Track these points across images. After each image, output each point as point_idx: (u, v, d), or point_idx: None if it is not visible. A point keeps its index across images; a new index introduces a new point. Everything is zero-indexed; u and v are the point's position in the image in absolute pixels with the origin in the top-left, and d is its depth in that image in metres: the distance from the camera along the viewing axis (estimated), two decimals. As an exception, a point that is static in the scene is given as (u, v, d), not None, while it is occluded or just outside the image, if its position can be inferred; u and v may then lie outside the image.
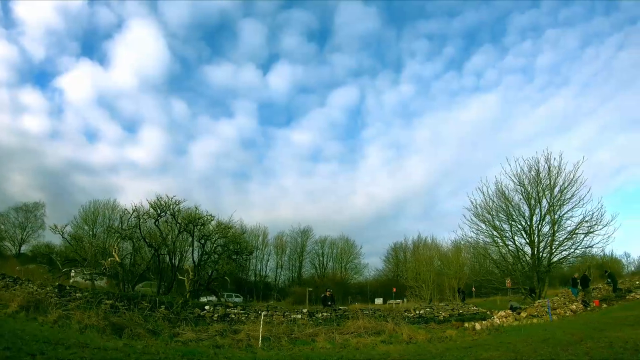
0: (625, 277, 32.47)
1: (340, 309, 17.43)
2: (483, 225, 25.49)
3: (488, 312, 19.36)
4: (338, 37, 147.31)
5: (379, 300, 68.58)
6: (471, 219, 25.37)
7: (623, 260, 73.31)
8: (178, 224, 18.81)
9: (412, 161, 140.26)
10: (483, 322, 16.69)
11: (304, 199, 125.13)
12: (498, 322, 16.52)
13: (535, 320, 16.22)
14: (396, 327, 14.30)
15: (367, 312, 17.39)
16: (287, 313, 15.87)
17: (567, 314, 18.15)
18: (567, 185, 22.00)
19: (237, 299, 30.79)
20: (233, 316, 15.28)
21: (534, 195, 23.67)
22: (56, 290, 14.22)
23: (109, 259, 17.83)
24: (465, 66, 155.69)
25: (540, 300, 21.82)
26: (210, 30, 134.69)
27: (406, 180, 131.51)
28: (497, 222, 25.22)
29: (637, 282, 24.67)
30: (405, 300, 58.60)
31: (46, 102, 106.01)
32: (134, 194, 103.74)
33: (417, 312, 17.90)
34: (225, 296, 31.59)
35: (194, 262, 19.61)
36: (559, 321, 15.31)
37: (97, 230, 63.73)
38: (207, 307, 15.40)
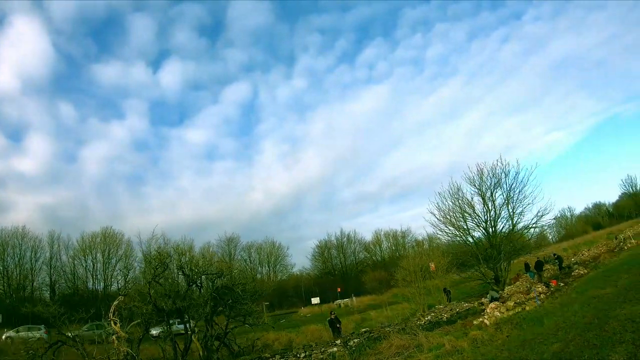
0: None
1: (368, 332, 18.51)
2: (443, 227, 28.74)
3: (477, 305, 22.02)
4: (230, 31, 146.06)
5: (315, 300, 70.54)
6: (435, 223, 28.41)
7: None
8: (187, 276, 17.68)
9: (308, 154, 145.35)
10: (485, 317, 19.22)
11: (203, 199, 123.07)
12: (499, 314, 19.17)
13: (528, 308, 19.14)
14: (430, 339, 15.95)
15: (383, 326, 18.75)
16: (323, 349, 16.50)
17: (541, 297, 21.59)
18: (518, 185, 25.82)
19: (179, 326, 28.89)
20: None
21: (487, 195, 27.33)
22: None
23: (113, 336, 16.01)
24: (357, 59, 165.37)
25: (509, 287, 25.36)
26: (97, 25, 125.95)
27: (303, 172, 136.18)
28: (455, 221, 28.68)
29: (572, 259, 29.73)
30: (353, 297, 61.46)
31: None
32: (25, 210, 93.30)
33: (425, 318, 19.81)
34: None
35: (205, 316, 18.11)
36: (549, 306, 18.29)
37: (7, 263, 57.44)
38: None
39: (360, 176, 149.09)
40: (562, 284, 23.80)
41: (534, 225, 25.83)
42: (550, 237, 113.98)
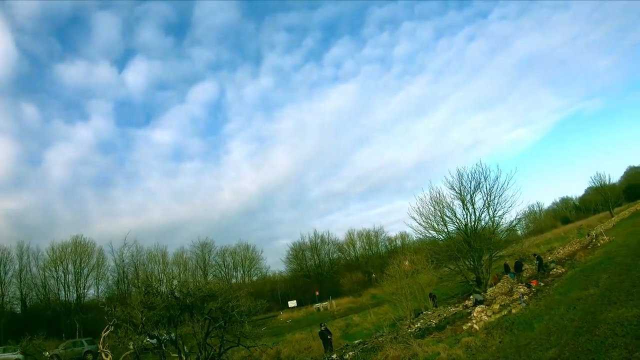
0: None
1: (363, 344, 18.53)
2: (424, 231, 29.25)
3: (462, 309, 22.44)
4: (197, 30, 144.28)
5: (292, 303, 70.38)
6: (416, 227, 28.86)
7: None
8: (178, 300, 17.00)
9: (276, 152, 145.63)
10: (473, 321, 19.62)
11: (172, 200, 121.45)
12: (486, 318, 19.61)
13: (514, 311, 19.66)
14: (424, 347, 16.15)
15: (376, 336, 18.84)
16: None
17: (525, 298, 22.22)
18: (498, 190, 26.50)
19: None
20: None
21: (467, 198, 27.93)
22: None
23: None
24: (324, 57, 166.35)
25: (491, 289, 25.96)
26: (61, 24, 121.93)
27: (272, 171, 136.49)
28: (436, 225, 29.23)
29: (549, 257, 30.72)
30: (332, 300, 61.59)
31: None
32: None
33: (415, 325, 20.05)
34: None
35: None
36: (535, 308, 18.85)
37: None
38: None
39: (329, 174, 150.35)
40: (542, 284, 24.53)
41: (512, 228, 26.72)
42: (519, 232, 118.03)
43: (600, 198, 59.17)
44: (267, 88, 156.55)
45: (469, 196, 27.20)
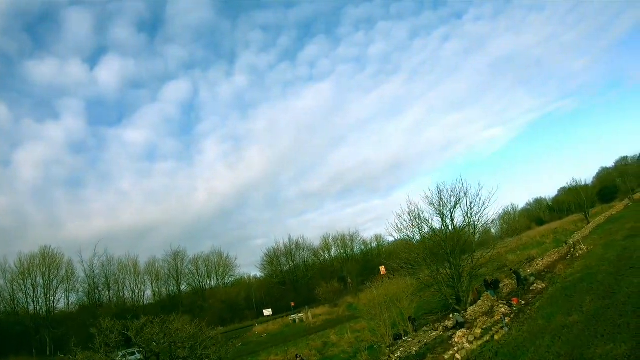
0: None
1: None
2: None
3: (443, 333, 21.79)
4: (171, 27, 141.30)
5: (267, 312, 69.00)
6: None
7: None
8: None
9: (251, 152, 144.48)
10: (455, 349, 18.94)
11: (146, 201, 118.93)
12: (468, 346, 18.95)
13: (497, 337, 19.06)
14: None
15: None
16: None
17: (507, 320, 21.71)
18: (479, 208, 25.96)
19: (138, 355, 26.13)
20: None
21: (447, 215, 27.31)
22: None
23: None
24: (299, 56, 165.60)
25: (472, 308, 25.42)
26: (32, 20, 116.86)
27: (247, 171, 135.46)
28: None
29: (529, 270, 30.49)
30: (308, 311, 60.58)
31: None
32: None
33: (395, 355, 19.23)
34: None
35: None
36: (518, 335, 18.28)
37: None
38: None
39: (304, 174, 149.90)
40: (523, 302, 24.17)
41: (492, 248, 26.44)
42: (494, 232, 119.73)
43: (574, 200, 59.97)
44: (242, 87, 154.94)
45: (448, 213, 26.64)
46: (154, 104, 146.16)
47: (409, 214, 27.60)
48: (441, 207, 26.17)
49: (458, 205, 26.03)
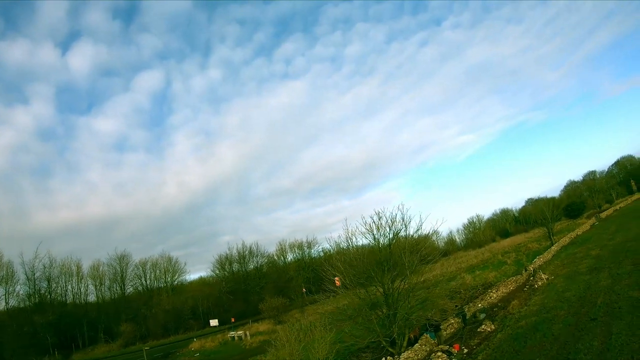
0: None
1: None
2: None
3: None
4: (146, 15, 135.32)
5: (214, 322, 65.01)
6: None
7: (433, 238, 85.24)
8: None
9: (222, 147, 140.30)
10: None
11: (114, 193, 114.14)
12: None
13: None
14: None
15: None
16: None
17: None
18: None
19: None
20: None
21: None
22: None
23: None
24: (275, 53, 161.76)
25: (406, 353, 21.53)
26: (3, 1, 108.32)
27: (218, 166, 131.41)
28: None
29: (480, 305, 26.89)
30: (250, 323, 56.85)
31: None
32: None
33: None
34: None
35: None
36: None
37: None
38: None
39: (275, 171, 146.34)
40: (465, 350, 20.58)
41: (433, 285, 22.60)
42: (458, 242, 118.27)
43: (539, 215, 57.82)
44: (215, 80, 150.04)
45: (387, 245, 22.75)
46: (125, 94, 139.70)
47: (347, 239, 23.86)
48: (378, 239, 22.42)
49: (396, 239, 22.26)
